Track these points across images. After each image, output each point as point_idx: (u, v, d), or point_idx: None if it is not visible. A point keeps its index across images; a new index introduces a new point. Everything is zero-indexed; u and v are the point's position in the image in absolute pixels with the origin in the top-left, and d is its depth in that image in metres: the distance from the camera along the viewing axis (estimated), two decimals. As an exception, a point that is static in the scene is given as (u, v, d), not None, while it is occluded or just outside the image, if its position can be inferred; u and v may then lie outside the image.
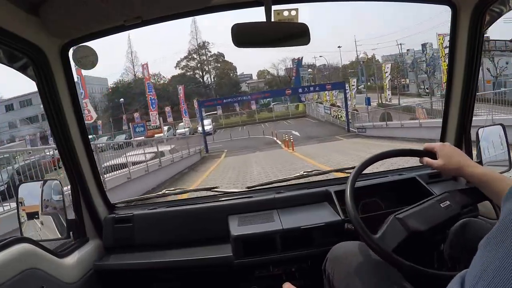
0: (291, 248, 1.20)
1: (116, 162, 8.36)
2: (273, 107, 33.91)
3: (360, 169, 0.94)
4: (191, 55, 40.31)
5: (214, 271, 1.31)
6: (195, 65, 40.57)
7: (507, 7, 1.10)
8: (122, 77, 40.21)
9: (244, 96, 25.29)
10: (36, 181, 1.29)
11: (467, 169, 0.87)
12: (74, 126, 1.24)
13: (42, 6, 0.97)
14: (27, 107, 36.34)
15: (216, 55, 40.82)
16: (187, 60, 40.37)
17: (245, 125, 28.71)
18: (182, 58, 40.39)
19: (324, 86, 26.62)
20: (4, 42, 0.95)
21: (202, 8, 1.16)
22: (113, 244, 1.35)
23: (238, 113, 33.08)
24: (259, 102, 34.68)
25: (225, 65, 40.32)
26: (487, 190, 0.85)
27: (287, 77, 41.45)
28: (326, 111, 25.64)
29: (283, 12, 1.15)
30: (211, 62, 41.03)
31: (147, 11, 1.05)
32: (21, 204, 1.21)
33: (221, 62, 40.60)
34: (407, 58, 34.96)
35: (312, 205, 1.35)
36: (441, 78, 19.05)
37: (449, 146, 0.94)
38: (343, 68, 42.30)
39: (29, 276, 0.94)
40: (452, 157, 0.90)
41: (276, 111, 33.21)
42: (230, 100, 26.48)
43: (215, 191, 1.55)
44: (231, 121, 32.15)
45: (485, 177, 0.84)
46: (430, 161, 0.92)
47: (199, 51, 40.43)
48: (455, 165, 0.88)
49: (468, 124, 1.31)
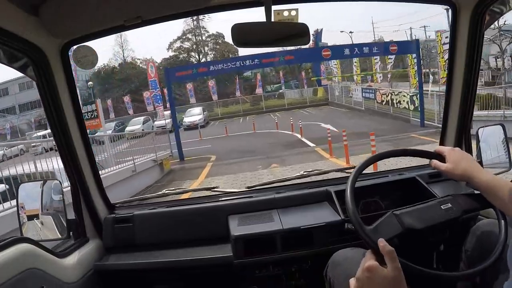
0: (291, 248, 1.20)
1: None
2: (284, 92, 26.65)
3: (360, 168, 0.94)
4: (186, 35, 33.22)
5: (214, 271, 1.31)
6: (190, 47, 33.62)
7: (507, 7, 1.10)
8: (109, 62, 33.65)
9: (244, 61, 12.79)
10: (36, 181, 1.29)
11: (474, 175, 0.87)
12: (74, 126, 1.24)
13: (42, 6, 0.97)
14: (3, 97, 31.22)
15: (215, 35, 33.40)
16: (181, 41, 33.30)
17: (248, 115, 22.60)
18: (175, 39, 33.32)
19: (385, 46, 14.67)
20: (4, 42, 0.95)
21: (202, 8, 1.16)
22: (113, 244, 1.35)
23: (239, 99, 25.86)
24: (266, 90, 28.16)
25: (225, 47, 32.53)
26: (492, 197, 0.85)
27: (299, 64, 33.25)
28: (367, 95, 16.72)
29: (283, 12, 1.15)
30: (209, 43, 33.80)
31: (147, 11, 1.05)
32: (22, 209, 1.21)
33: (220, 44, 33.21)
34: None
35: (312, 205, 1.35)
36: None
37: (458, 151, 0.94)
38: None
39: (29, 276, 0.94)
40: (461, 162, 0.90)
41: (288, 98, 26.04)
42: (221, 66, 13.31)
43: (215, 191, 1.56)
44: (230, 110, 25.14)
45: (491, 184, 0.85)
46: (439, 164, 0.92)
47: (195, 31, 33.39)
48: (462, 170, 0.88)
49: (468, 124, 1.31)
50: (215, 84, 25.13)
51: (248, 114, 23.17)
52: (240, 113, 23.91)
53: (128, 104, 24.44)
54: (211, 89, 25.08)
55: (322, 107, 22.16)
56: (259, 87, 25.94)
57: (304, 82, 27.40)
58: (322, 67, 24.94)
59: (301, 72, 29.68)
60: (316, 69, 25.93)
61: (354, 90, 18.81)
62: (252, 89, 27.88)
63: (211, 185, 1.61)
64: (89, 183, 1.32)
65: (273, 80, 30.93)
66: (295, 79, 30.83)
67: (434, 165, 0.94)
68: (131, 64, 32.61)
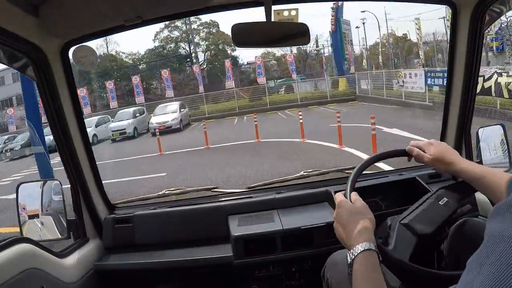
0: (291, 248, 1.20)
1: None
2: (297, 84, 19.34)
3: (360, 169, 0.94)
4: (174, 23, 26.74)
5: (214, 271, 1.31)
6: (179, 36, 27.47)
7: (507, 7, 1.10)
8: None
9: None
10: (36, 181, 1.29)
11: (458, 162, 0.86)
12: (74, 126, 1.24)
13: (42, 6, 0.97)
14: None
15: (208, 23, 26.99)
16: (168, 30, 27.09)
17: (246, 114, 15.81)
18: (162, 27, 26.74)
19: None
20: (4, 42, 0.96)
21: (202, 8, 1.16)
22: (113, 244, 1.35)
23: (232, 91, 18.51)
24: (272, 82, 21.58)
25: (219, 37, 26.41)
26: (479, 186, 0.84)
27: (305, 54, 27.14)
28: (435, 81, 11.05)
29: (283, 12, 1.15)
30: (201, 32, 27.43)
31: (147, 11, 1.05)
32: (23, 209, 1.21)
33: (214, 34, 27.18)
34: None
35: (312, 205, 1.35)
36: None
37: (436, 141, 0.93)
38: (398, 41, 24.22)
39: (29, 276, 0.94)
40: (442, 151, 0.89)
41: (300, 92, 19.07)
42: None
43: (215, 191, 1.56)
44: (220, 108, 18.34)
45: (476, 171, 0.84)
46: (422, 154, 0.91)
47: (185, 18, 24.23)
48: (448, 159, 0.88)
49: (468, 124, 1.31)
50: (200, 71, 19.32)
51: (246, 112, 16.40)
52: (236, 112, 17.36)
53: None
54: (198, 78, 19.02)
55: (350, 103, 15.98)
56: (260, 76, 18.00)
57: (325, 72, 20.87)
58: (348, 49, 18.86)
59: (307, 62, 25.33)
60: (338, 52, 19.43)
61: (408, 76, 12.85)
62: (251, 81, 20.51)
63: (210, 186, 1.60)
64: (89, 183, 1.32)
65: (275, 74, 25.26)
66: (304, 71, 24.51)
67: (416, 156, 0.92)
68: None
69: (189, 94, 19.24)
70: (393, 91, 14.24)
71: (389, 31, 24.22)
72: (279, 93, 20.69)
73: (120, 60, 26.22)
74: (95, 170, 1.36)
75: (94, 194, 1.35)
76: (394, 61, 18.42)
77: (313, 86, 20.82)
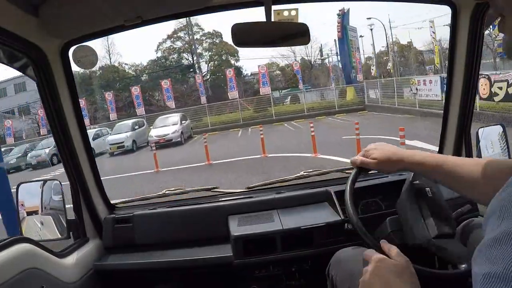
0: (291, 248, 1.20)
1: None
2: (303, 94, 18.92)
3: (360, 169, 0.94)
4: (177, 34, 26.62)
5: (214, 271, 1.31)
6: (182, 46, 27.04)
7: None
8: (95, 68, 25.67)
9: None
10: (36, 181, 1.29)
11: (411, 159, 0.82)
12: (74, 126, 1.24)
13: (42, 6, 0.97)
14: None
15: (211, 33, 26.73)
16: (171, 40, 26.83)
17: (250, 126, 15.43)
18: (165, 38, 26.51)
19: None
20: (4, 42, 0.96)
21: (202, 8, 1.16)
22: (113, 244, 1.35)
23: (236, 102, 17.88)
24: (278, 93, 21.06)
25: (223, 47, 25.90)
26: (439, 173, 0.79)
27: (310, 64, 26.62)
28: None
29: (283, 12, 1.15)
30: (203, 43, 27.06)
31: (147, 11, 1.05)
32: (22, 208, 1.21)
33: (217, 44, 26.79)
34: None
35: (312, 205, 1.35)
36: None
37: (377, 144, 0.89)
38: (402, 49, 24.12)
39: (29, 276, 0.94)
40: (388, 152, 0.84)
41: (307, 102, 18.68)
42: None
43: (215, 191, 1.55)
44: (224, 119, 17.82)
45: (433, 160, 0.79)
46: (366, 161, 0.87)
47: (188, 29, 26.20)
48: (394, 158, 0.83)
49: (468, 124, 1.30)
50: (203, 82, 18.80)
51: (250, 124, 15.87)
52: (240, 123, 16.71)
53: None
54: (199, 88, 18.67)
55: (360, 113, 15.21)
56: (265, 86, 17.30)
57: (332, 79, 20.61)
58: (356, 56, 18.01)
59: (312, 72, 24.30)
60: (345, 60, 18.54)
61: (422, 83, 12.41)
62: (255, 92, 20.52)
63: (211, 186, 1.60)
64: (89, 183, 1.32)
65: (279, 85, 24.50)
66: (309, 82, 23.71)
67: (361, 164, 0.88)
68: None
69: (192, 105, 18.74)
70: (403, 100, 13.79)
71: (393, 39, 23.52)
72: (284, 104, 20.16)
73: (123, 71, 25.85)
74: (95, 170, 1.36)
75: (94, 194, 1.35)
76: (399, 69, 17.74)
77: (319, 96, 20.43)
